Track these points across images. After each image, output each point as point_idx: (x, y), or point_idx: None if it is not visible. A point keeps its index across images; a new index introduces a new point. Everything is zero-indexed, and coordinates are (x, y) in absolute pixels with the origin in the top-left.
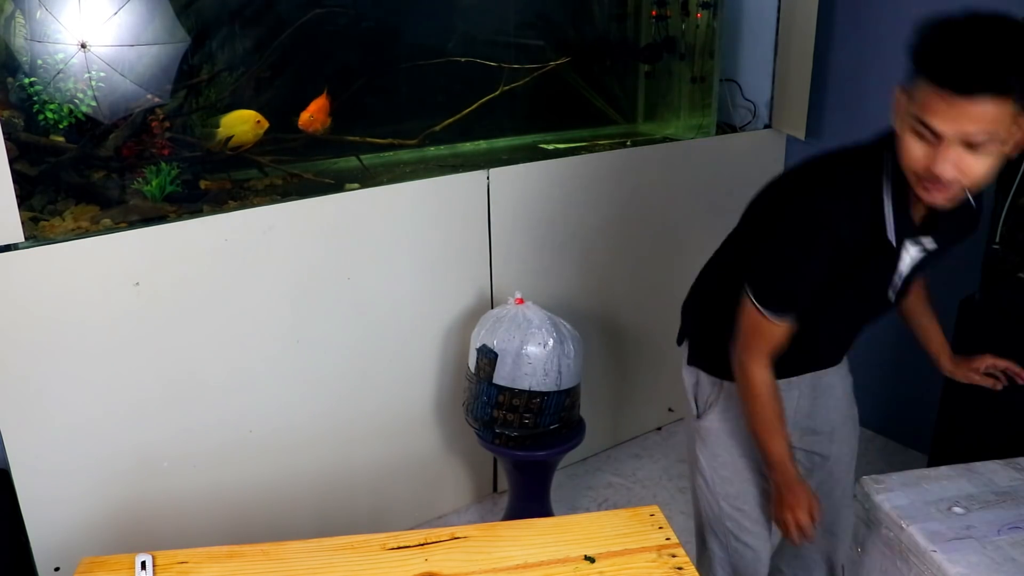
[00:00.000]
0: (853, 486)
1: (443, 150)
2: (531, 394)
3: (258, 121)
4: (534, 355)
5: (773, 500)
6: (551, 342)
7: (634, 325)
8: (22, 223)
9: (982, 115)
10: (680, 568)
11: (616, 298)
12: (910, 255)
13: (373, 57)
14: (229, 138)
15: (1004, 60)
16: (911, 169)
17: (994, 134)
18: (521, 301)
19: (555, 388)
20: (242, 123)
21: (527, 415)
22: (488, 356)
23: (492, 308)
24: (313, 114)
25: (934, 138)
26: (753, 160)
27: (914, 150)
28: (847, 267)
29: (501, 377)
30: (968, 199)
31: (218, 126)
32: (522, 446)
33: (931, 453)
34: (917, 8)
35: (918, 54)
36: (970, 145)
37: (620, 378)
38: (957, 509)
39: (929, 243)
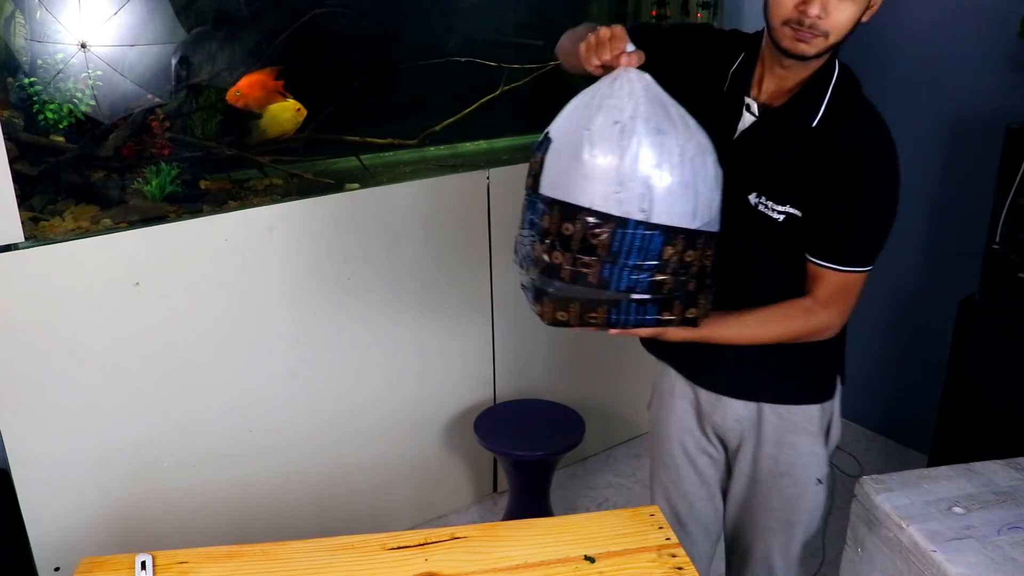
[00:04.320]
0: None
1: (443, 150)
2: (591, 216)
3: (298, 109)
4: (601, 140)
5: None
6: (638, 124)
7: None
8: (22, 223)
9: None
10: (680, 568)
11: None
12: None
13: (373, 57)
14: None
15: None
16: (780, 16)
17: None
18: (628, 61)
19: (639, 215)
20: (283, 112)
21: (585, 257)
22: (541, 148)
23: (492, 306)
24: (241, 89)
25: None
26: None
27: None
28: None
29: (550, 183)
30: (808, 109)
31: (260, 116)
32: (581, 318)
33: (931, 453)
34: (917, 8)
35: None
36: None
37: (620, 378)
38: (957, 509)
39: (755, 108)
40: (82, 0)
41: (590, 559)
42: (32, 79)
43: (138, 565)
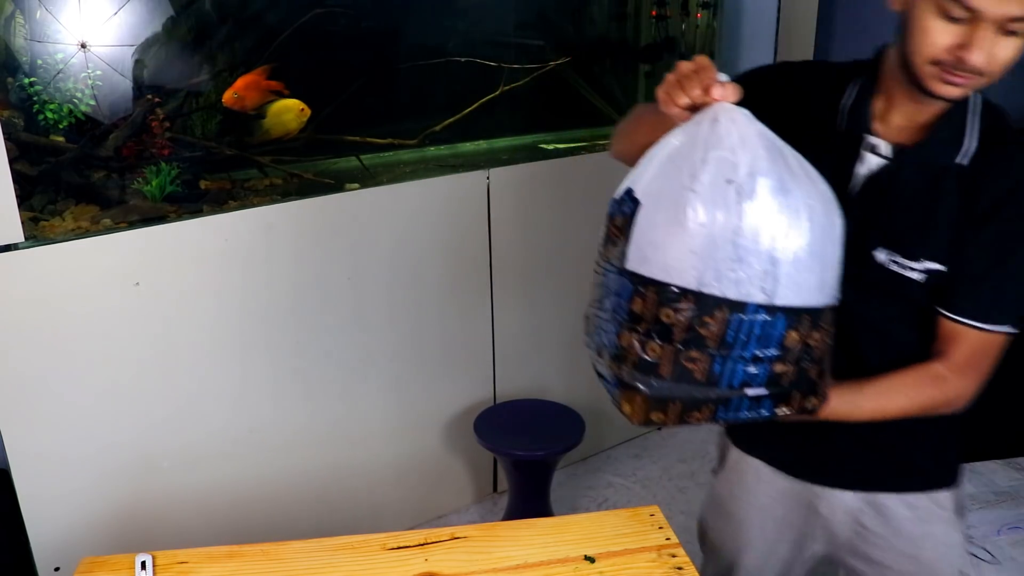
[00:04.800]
0: None
1: (443, 150)
2: (700, 301)
3: (302, 109)
4: (712, 204)
5: None
6: (758, 184)
7: None
8: (22, 223)
9: None
10: (680, 568)
11: None
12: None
13: (373, 57)
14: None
15: None
16: (927, 57)
17: None
18: (724, 95)
19: (760, 297)
20: (287, 112)
21: (691, 351)
22: (623, 211)
23: (492, 306)
24: (238, 91)
25: (968, 19)
26: None
27: (936, 34)
28: None
29: (640, 256)
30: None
31: (264, 116)
32: (681, 418)
33: None
34: None
35: None
36: (1007, 30)
37: None
38: None
39: (884, 149)
40: (82, 0)
41: (590, 559)
42: (32, 79)
43: (138, 565)
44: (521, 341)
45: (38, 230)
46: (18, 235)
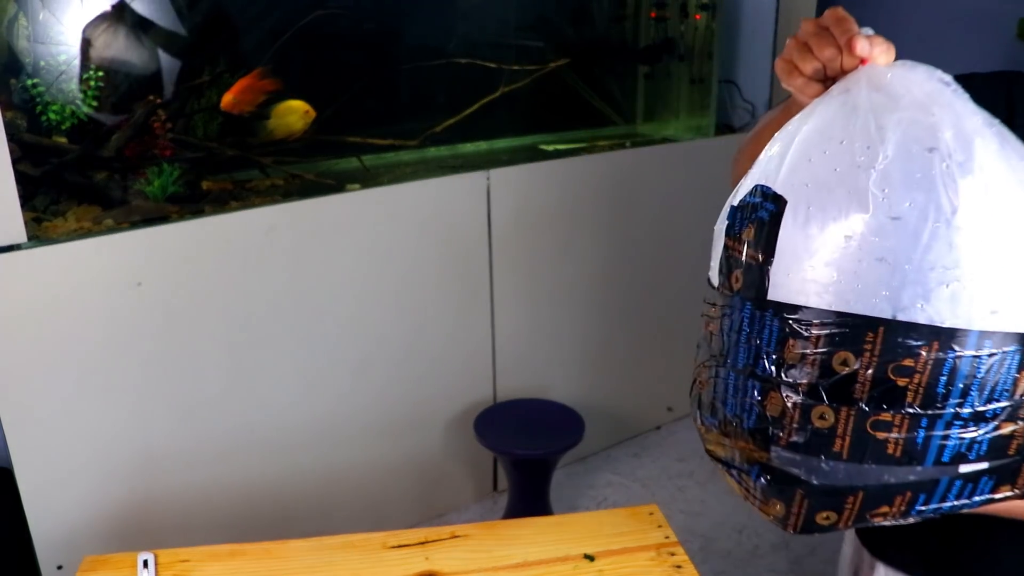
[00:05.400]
0: None
1: (444, 151)
2: (899, 333)
3: (306, 111)
4: (906, 185)
5: None
6: (975, 147)
7: (634, 324)
8: (25, 223)
9: None
10: (679, 567)
11: (615, 297)
12: None
13: (374, 58)
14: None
15: None
16: None
17: None
18: (867, 50)
19: (986, 321)
20: (291, 113)
21: (881, 407)
22: (756, 217)
23: (492, 305)
24: (235, 95)
25: None
26: None
27: None
28: None
29: (790, 279)
30: None
31: (268, 117)
32: (861, 516)
33: None
34: (915, 10)
35: None
36: None
37: (620, 377)
38: None
39: None
40: (84, 1)
41: (590, 557)
42: (35, 80)
43: (140, 563)
44: (521, 341)
45: (41, 230)
46: (21, 235)
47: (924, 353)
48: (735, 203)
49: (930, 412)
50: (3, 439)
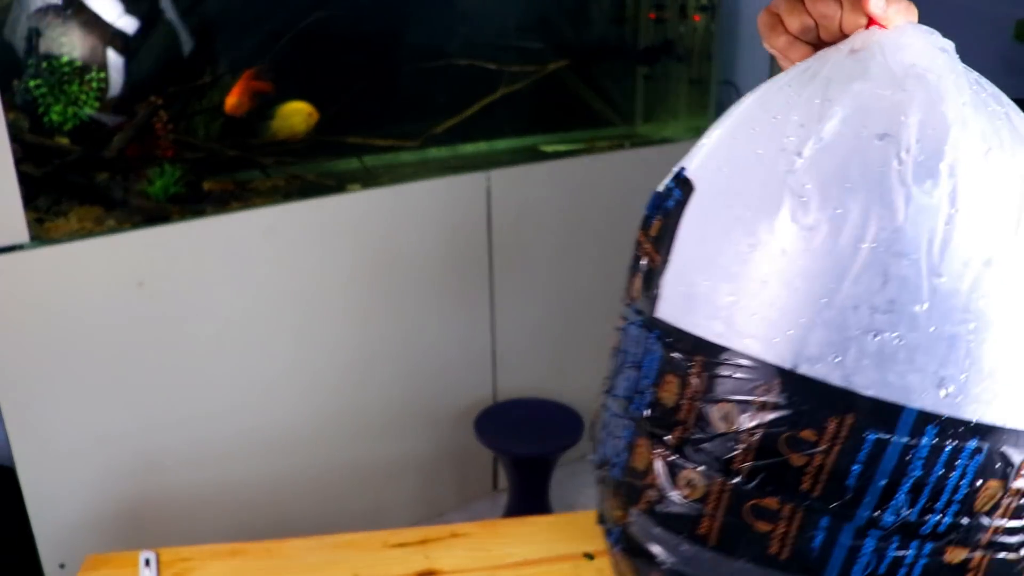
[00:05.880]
0: None
1: (444, 151)
2: (799, 389)
3: (310, 113)
4: (835, 177)
5: None
6: (949, 141)
7: None
8: (27, 224)
9: None
10: None
11: (615, 297)
12: None
13: (374, 59)
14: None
15: None
16: None
17: None
18: (878, 13)
19: (935, 400)
20: (295, 114)
21: (766, 489)
22: (663, 208)
23: (492, 305)
24: (239, 97)
25: None
26: None
27: None
28: None
29: (680, 295)
30: None
31: (272, 118)
32: None
33: None
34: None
35: None
36: None
37: None
38: None
39: None
40: (87, 2)
41: (589, 556)
42: (37, 81)
43: (142, 562)
44: (521, 340)
45: (43, 231)
46: (23, 236)
47: (833, 427)
48: (659, 187)
49: (836, 511)
50: (6, 438)
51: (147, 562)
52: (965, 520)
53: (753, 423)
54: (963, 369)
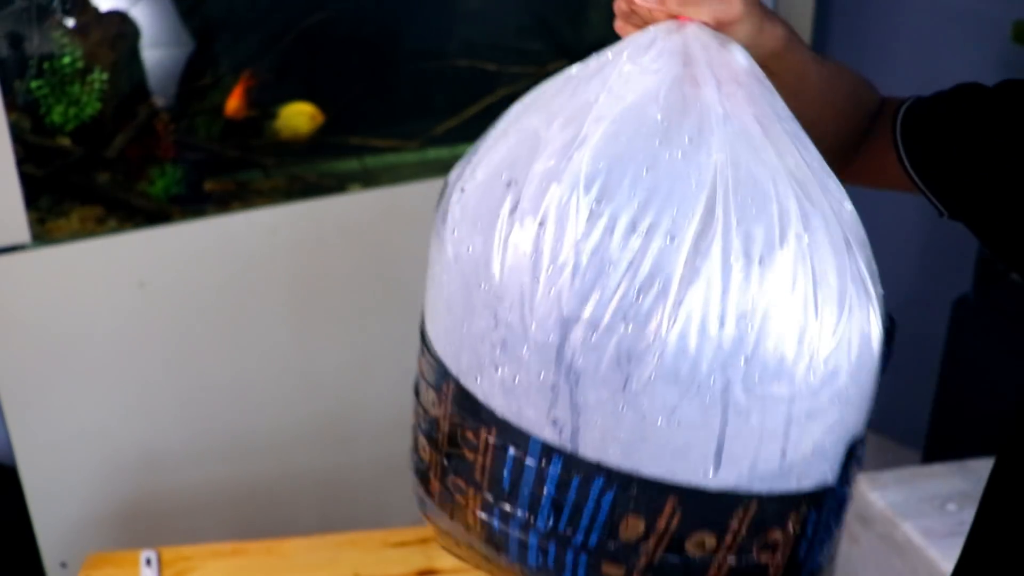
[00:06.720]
0: None
1: (444, 152)
2: (461, 396)
3: (313, 115)
4: (476, 201)
5: None
6: (582, 162)
7: None
8: (29, 224)
9: None
10: None
11: None
12: None
13: (375, 60)
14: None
15: None
16: None
17: None
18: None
19: (551, 435)
20: (299, 116)
21: (456, 468)
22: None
23: None
24: (239, 100)
25: None
26: None
27: None
28: None
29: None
30: None
31: (276, 117)
32: None
33: (925, 451)
34: (914, 10)
35: None
36: None
37: None
38: (951, 506)
39: None
40: (88, 3)
41: None
42: (39, 82)
43: (143, 561)
44: None
45: (44, 231)
46: (25, 236)
47: (484, 436)
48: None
49: (500, 506)
50: (7, 437)
51: (148, 561)
52: (611, 544)
53: (438, 412)
54: (572, 416)
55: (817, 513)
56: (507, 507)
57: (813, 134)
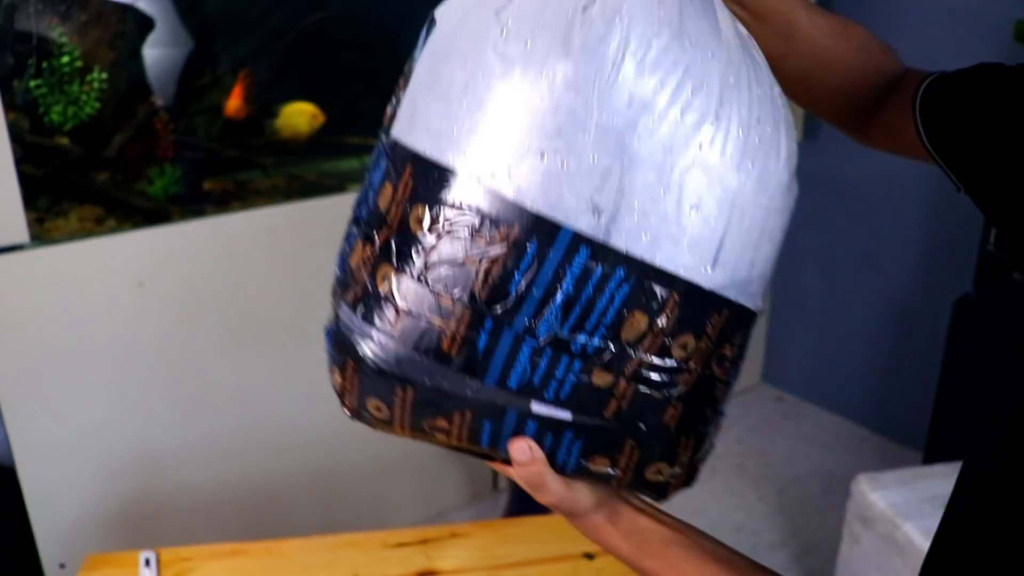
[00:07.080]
0: None
1: None
2: (472, 194)
3: (314, 115)
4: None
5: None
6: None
7: None
8: (28, 224)
9: None
10: None
11: None
12: None
13: (374, 60)
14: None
15: None
16: None
17: None
18: None
19: (588, 223)
20: (299, 115)
21: (441, 284)
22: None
23: None
24: (238, 100)
25: None
26: None
27: None
28: None
29: (410, 115)
30: None
31: (276, 116)
32: (414, 421)
33: (926, 451)
34: (915, 9)
35: None
36: None
37: None
38: None
39: None
40: (87, 2)
41: (589, 556)
42: (38, 81)
43: (142, 561)
44: None
45: (43, 231)
46: (24, 236)
47: (502, 232)
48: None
49: (497, 312)
50: (6, 437)
51: (147, 562)
52: (612, 346)
53: (441, 224)
54: (614, 200)
55: (747, 336)
56: (506, 316)
57: (818, 84)
